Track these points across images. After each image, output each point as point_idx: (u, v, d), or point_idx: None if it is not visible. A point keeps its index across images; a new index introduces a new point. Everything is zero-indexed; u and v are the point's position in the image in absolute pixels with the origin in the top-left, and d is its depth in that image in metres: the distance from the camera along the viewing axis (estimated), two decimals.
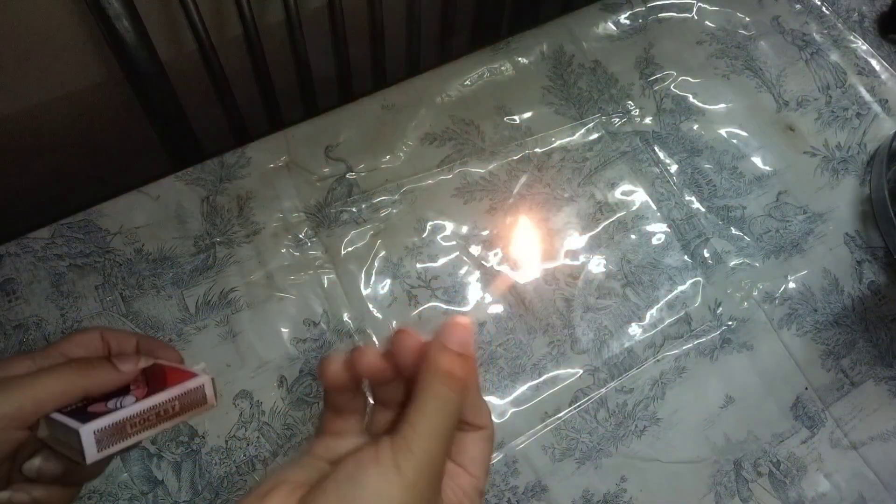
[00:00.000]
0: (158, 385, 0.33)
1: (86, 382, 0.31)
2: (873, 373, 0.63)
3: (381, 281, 0.61)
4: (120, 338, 0.36)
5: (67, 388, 0.30)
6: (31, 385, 0.29)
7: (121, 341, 0.36)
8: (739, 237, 0.66)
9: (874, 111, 0.74)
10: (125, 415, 0.31)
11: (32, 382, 0.30)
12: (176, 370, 0.35)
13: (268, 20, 0.78)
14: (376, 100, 0.69)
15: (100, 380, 0.32)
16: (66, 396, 0.30)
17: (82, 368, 0.31)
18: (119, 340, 0.36)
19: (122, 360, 0.33)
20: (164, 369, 0.35)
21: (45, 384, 0.30)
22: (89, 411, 0.31)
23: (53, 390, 0.30)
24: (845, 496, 0.59)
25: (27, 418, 0.29)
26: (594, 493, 0.56)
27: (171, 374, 0.34)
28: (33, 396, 0.29)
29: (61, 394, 0.30)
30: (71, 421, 0.29)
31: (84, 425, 0.29)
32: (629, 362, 0.60)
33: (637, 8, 0.76)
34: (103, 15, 0.61)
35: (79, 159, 0.84)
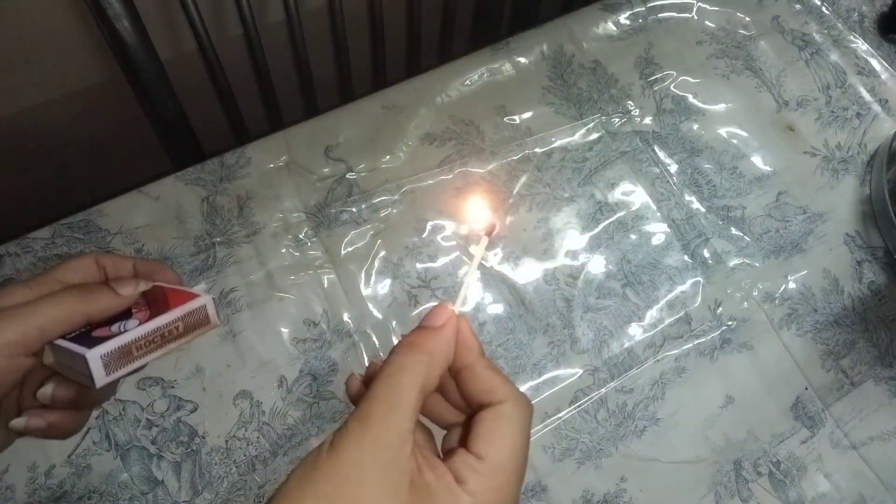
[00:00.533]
0: (161, 307, 0.33)
1: (87, 308, 0.31)
2: (873, 373, 0.63)
3: (381, 281, 0.61)
4: (116, 261, 0.35)
5: (69, 314, 0.30)
6: (34, 312, 0.30)
7: (117, 265, 0.35)
8: (739, 237, 0.66)
9: (874, 111, 0.74)
10: (130, 338, 0.31)
11: (34, 309, 0.30)
12: (177, 291, 0.35)
13: (268, 20, 0.78)
14: (376, 100, 0.69)
15: (100, 305, 0.32)
16: (69, 322, 0.31)
17: (82, 294, 0.31)
18: (115, 264, 0.35)
19: (122, 284, 0.33)
20: (164, 291, 0.35)
21: (46, 311, 0.30)
22: (94, 336, 0.31)
23: (55, 316, 0.30)
24: (845, 496, 0.59)
25: (31, 345, 0.29)
26: (594, 493, 0.56)
27: (173, 295, 0.35)
28: (36, 323, 0.29)
29: (64, 320, 0.30)
30: (77, 347, 0.30)
31: (90, 350, 0.29)
32: (629, 362, 0.60)
33: (637, 8, 0.76)
34: (103, 15, 0.61)
35: (79, 159, 0.84)
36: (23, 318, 0.29)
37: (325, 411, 0.56)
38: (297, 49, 0.76)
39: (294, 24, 0.73)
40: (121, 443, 0.53)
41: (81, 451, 0.53)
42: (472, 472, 0.26)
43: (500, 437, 0.28)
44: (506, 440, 0.28)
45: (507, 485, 0.26)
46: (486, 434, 0.28)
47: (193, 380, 0.56)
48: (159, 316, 0.33)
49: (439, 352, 0.29)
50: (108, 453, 0.53)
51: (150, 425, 0.54)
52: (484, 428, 0.28)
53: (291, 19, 0.73)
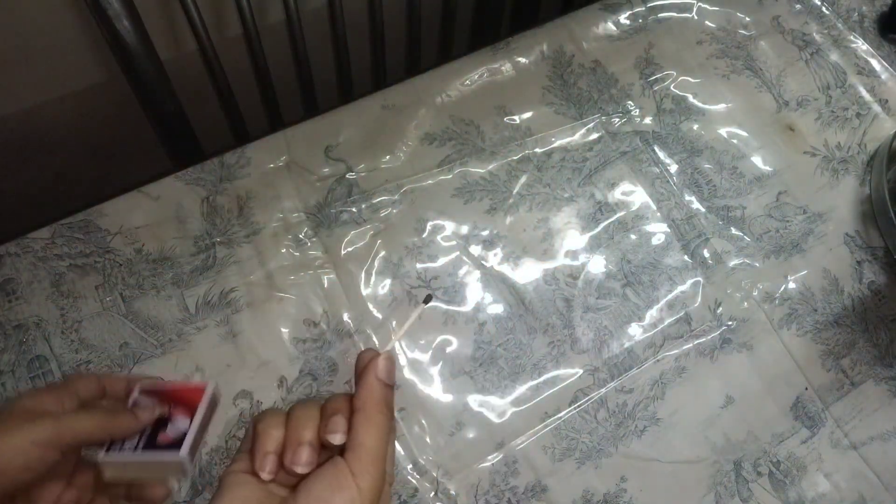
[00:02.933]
0: (188, 403, 0.40)
1: (111, 426, 0.37)
2: (873, 373, 0.63)
3: (381, 281, 0.61)
4: (112, 381, 0.41)
5: (96, 428, 0.36)
6: (70, 419, 0.36)
7: (113, 384, 0.41)
8: (739, 237, 0.66)
9: (874, 111, 0.74)
10: (194, 432, 0.38)
11: (71, 417, 0.36)
12: (182, 386, 0.41)
13: (268, 20, 0.78)
14: (376, 100, 0.69)
15: (122, 426, 0.37)
16: (94, 435, 0.36)
17: (109, 414, 0.37)
18: (112, 383, 0.41)
19: (141, 411, 0.39)
20: (170, 390, 0.41)
21: (80, 421, 0.36)
22: (160, 444, 0.38)
23: (86, 428, 0.36)
24: (845, 496, 0.59)
25: (64, 446, 0.35)
26: (594, 493, 0.56)
27: (186, 392, 0.40)
28: (71, 428, 0.35)
29: (90, 431, 0.36)
30: (161, 454, 0.37)
31: (181, 452, 0.37)
32: (629, 362, 0.60)
33: (637, 8, 0.76)
34: (103, 15, 0.61)
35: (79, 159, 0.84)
36: (62, 422, 0.35)
37: None
38: (297, 49, 0.76)
39: (294, 24, 0.73)
40: None
41: None
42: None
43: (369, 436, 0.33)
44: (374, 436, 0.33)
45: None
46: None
47: (193, 380, 0.56)
48: (196, 410, 0.39)
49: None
50: None
51: None
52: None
53: (291, 19, 0.73)
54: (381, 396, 0.34)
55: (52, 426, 0.34)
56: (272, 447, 0.33)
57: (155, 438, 0.38)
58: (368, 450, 0.32)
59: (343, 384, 0.57)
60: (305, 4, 0.77)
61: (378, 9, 0.77)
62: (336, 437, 0.32)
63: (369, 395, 0.34)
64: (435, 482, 0.55)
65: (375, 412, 0.33)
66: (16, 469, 0.33)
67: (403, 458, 0.55)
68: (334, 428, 0.33)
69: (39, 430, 0.34)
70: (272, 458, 0.32)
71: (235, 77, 0.75)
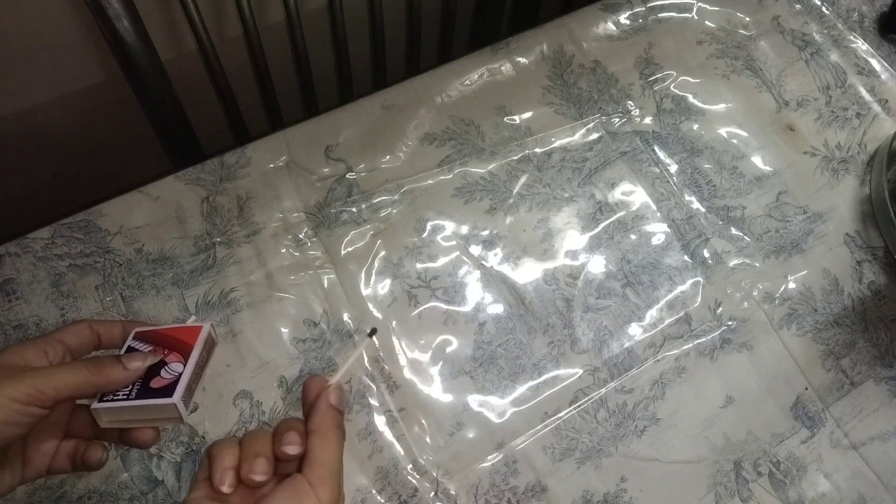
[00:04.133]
0: (182, 346, 0.39)
1: (97, 379, 0.36)
2: (873, 373, 0.63)
3: (381, 281, 0.61)
4: (107, 326, 0.41)
5: (81, 382, 0.35)
6: (51, 374, 0.35)
7: (108, 329, 0.41)
8: (739, 237, 0.66)
9: (874, 111, 0.74)
10: (188, 376, 0.38)
11: (52, 372, 0.35)
12: (179, 329, 0.41)
13: (268, 20, 0.78)
14: (376, 100, 0.69)
15: (110, 377, 0.37)
16: (80, 389, 0.35)
17: (95, 367, 0.36)
18: (107, 329, 0.41)
19: (130, 359, 0.38)
20: (167, 333, 0.40)
21: (62, 377, 0.35)
22: (153, 387, 0.37)
23: (69, 383, 0.35)
24: (845, 496, 0.59)
25: (45, 401, 0.34)
26: (594, 493, 0.56)
27: (181, 333, 0.40)
28: (52, 384, 0.34)
29: (75, 385, 0.35)
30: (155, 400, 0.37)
31: (173, 397, 0.37)
32: (629, 362, 0.60)
33: (637, 8, 0.76)
34: (103, 15, 0.61)
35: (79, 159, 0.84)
36: (43, 377, 0.34)
37: None
38: (297, 49, 0.76)
39: (294, 24, 0.73)
40: None
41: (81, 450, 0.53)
42: None
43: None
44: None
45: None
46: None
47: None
48: (191, 352, 0.39)
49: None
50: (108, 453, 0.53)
51: None
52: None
53: (291, 19, 0.73)
54: (334, 420, 0.36)
55: (31, 383, 0.33)
56: (229, 463, 0.34)
57: (149, 382, 0.38)
58: (326, 464, 0.34)
59: (343, 384, 0.57)
60: (305, 4, 0.77)
61: (378, 9, 0.77)
62: (291, 448, 0.34)
63: (323, 418, 0.36)
64: (435, 482, 0.55)
65: (330, 432, 0.35)
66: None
67: (403, 458, 0.55)
68: (289, 440, 0.34)
69: (18, 387, 0.33)
70: (230, 472, 0.34)
71: (235, 77, 0.75)
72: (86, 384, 0.36)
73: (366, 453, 0.55)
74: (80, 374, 0.35)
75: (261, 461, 0.34)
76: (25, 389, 0.33)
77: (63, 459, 0.39)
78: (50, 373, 0.35)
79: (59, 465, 0.39)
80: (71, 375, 0.35)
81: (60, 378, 0.35)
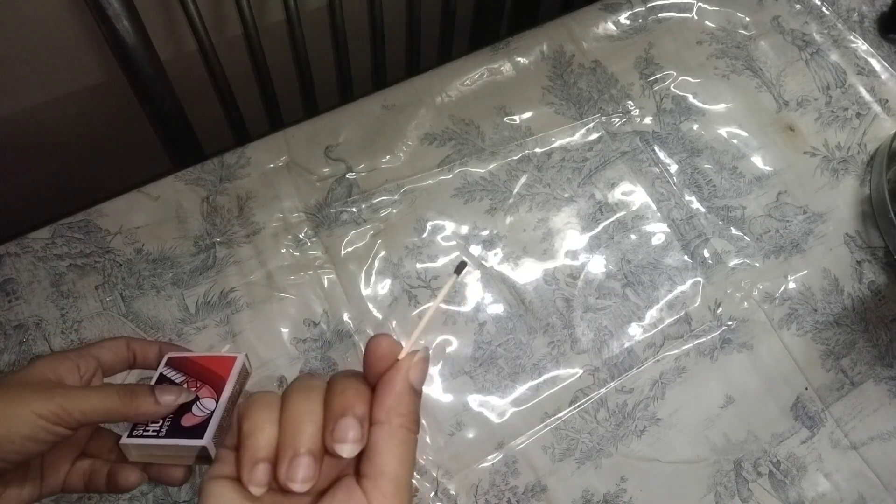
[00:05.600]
0: (215, 379, 0.38)
1: (127, 410, 0.35)
2: (873, 373, 0.63)
3: (381, 281, 0.61)
4: (144, 346, 0.39)
5: (111, 410, 0.34)
6: (82, 397, 0.33)
7: (145, 349, 0.39)
8: (739, 237, 0.66)
9: (874, 111, 0.74)
10: (220, 415, 0.36)
11: (83, 395, 0.34)
12: (213, 358, 0.39)
13: (268, 20, 0.78)
14: (376, 100, 0.69)
15: (140, 409, 0.35)
16: (108, 416, 0.34)
17: (127, 396, 0.35)
18: (143, 348, 0.39)
19: (163, 393, 0.36)
20: (200, 362, 0.39)
21: (92, 402, 0.33)
22: (184, 426, 0.36)
23: (98, 408, 0.34)
24: (845, 496, 0.59)
25: (72, 423, 0.33)
26: (594, 493, 0.56)
27: (214, 363, 0.38)
28: (81, 408, 0.33)
29: (104, 413, 0.34)
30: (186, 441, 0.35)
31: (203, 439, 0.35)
32: (629, 362, 0.60)
33: (637, 8, 0.76)
34: (103, 15, 0.61)
35: (79, 159, 0.84)
36: (73, 398, 0.33)
37: None
38: (297, 49, 0.76)
39: (294, 24, 0.73)
40: None
41: None
42: None
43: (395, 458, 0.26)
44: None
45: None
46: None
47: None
48: (224, 387, 0.38)
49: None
50: None
51: None
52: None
53: (291, 19, 0.73)
54: (410, 409, 0.26)
55: (61, 402, 0.32)
56: (263, 453, 0.26)
57: (180, 419, 0.36)
58: (393, 479, 0.25)
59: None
60: (305, 4, 0.77)
61: (378, 9, 0.77)
62: (346, 449, 0.25)
63: (396, 406, 0.26)
64: (435, 482, 0.55)
65: (403, 429, 0.26)
66: (21, 439, 0.32)
67: None
68: (343, 435, 0.25)
69: (47, 405, 0.32)
70: (263, 467, 0.25)
71: (235, 77, 0.75)
72: (115, 412, 0.34)
73: None
74: (111, 400, 0.34)
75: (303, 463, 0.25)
76: (53, 408, 0.32)
77: (77, 478, 0.38)
78: (81, 395, 0.33)
79: (72, 484, 0.38)
80: (102, 401, 0.34)
81: (90, 402, 0.33)
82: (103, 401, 0.34)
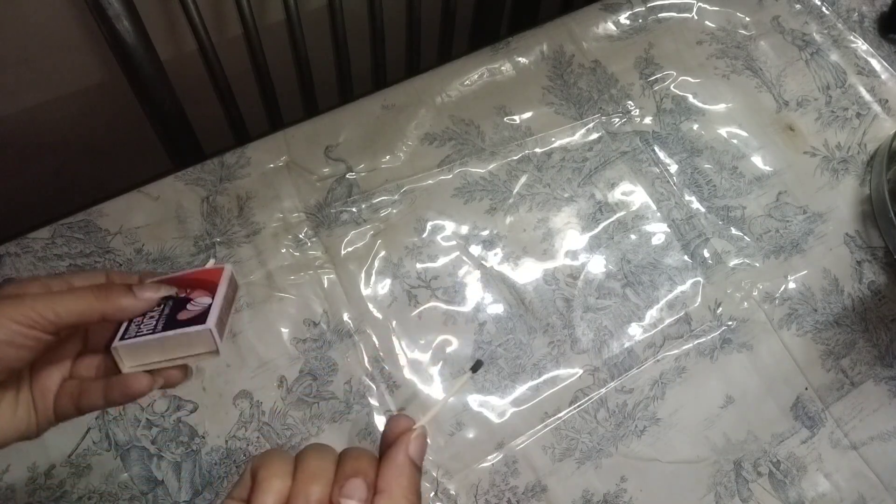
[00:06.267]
0: (206, 284, 0.36)
1: (104, 305, 0.33)
2: (873, 373, 0.63)
3: (381, 281, 0.61)
4: (124, 277, 0.38)
5: (85, 308, 0.32)
6: (52, 299, 0.32)
7: (124, 280, 0.38)
8: (739, 237, 0.66)
9: (874, 111, 0.74)
10: (219, 306, 0.34)
11: (53, 297, 0.32)
12: (201, 271, 0.38)
13: (268, 20, 0.78)
14: (376, 100, 0.69)
15: (118, 304, 0.34)
16: (84, 315, 0.32)
17: (101, 292, 0.33)
18: (123, 279, 0.38)
19: (141, 289, 0.34)
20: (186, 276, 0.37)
21: (64, 302, 0.32)
22: (180, 319, 0.33)
23: (72, 308, 0.32)
24: (845, 496, 0.59)
25: (48, 326, 0.31)
26: (594, 493, 0.56)
27: (203, 274, 0.37)
28: (54, 308, 0.31)
29: (79, 312, 0.32)
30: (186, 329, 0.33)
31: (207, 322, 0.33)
32: (629, 362, 0.60)
33: (637, 8, 0.76)
34: (103, 15, 0.61)
35: (79, 159, 0.84)
36: (43, 300, 0.31)
37: (324, 411, 0.56)
38: (297, 49, 0.76)
39: (294, 24, 0.73)
40: (121, 443, 0.53)
41: (81, 451, 0.53)
42: None
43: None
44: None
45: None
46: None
47: (193, 380, 0.56)
48: (217, 287, 0.36)
49: None
50: (108, 453, 0.53)
51: (150, 425, 0.54)
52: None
53: (291, 19, 0.73)
54: (410, 481, 0.29)
55: (32, 304, 0.31)
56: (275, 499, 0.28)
57: (175, 316, 0.34)
58: None
59: (343, 384, 0.57)
60: (305, 4, 0.77)
61: (378, 9, 0.77)
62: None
63: (397, 478, 0.29)
64: (435, 482, 0.55)
65: (405, 500, 0.29)
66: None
67: None
68: (351, 492, 0.28)
69: (18, 308, 0.31)
70: None
71: (235, 77, 0.75)
72: (90, 310, 0.33)
73: None
74: (85, 299, 0.33)
75: None
76: (25, 311, 0.31)
77: (67, 400, 0.36)
78: (51, 297, 0.32)
79: (63, 407, 0.36)
80: (74, 300, 0.32)
81: (62, 303, 0.32)
82: (77, 299, 0.32)
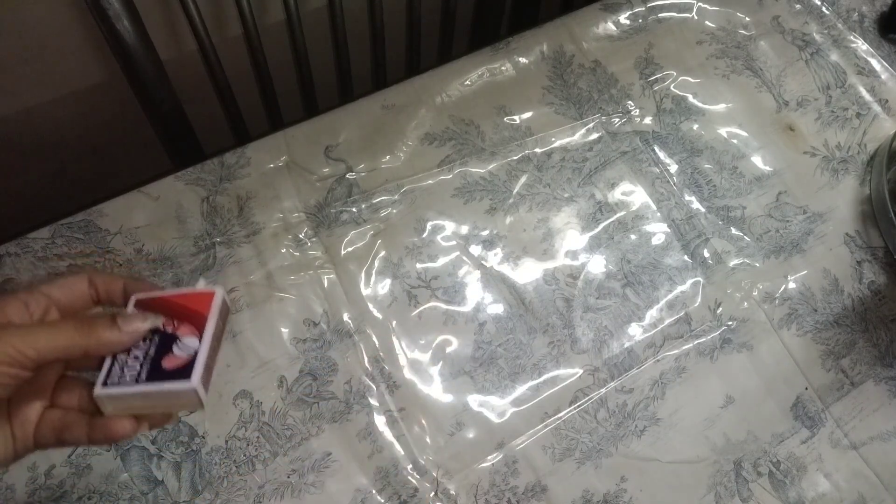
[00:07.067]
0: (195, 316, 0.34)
1: (87, 342, 0.32)
2: (873, 373, 0.63)
3: (381, 281, 0.61)
4: (107, 281, 0.36)
5: (67, 345, 0.31)
6: (32, 334, 0.30)
7: (108, 285, 0.36)
8: (739, 237, 0.66)
9: (874, 111, 0.74)
10: (205, 353, 0.32)
11: (33, 332, 0.31)
12: (188, 295, 0.35)
13: (268, 20, 0.78)
14: (376, 100, 0.69)
15: (101, 340, 0.32)
16: (65, 352, 0.31)
17: (85, 327, 0.32)
18: (107, 284, 0.36)
19: (127, 321, 0.33)
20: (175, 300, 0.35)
21: (45, 337, 0.31)
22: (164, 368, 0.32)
23: (53, 344, 0.31)
24: (845, 496, 0.59)
25: (27, 363, 0.30)
26: (594, 493, 0.56)
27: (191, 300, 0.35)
28: (33, 345, 0.30)
29: (60, 349, 0.31)
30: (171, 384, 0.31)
31: (191, 380, 0.31)
32: (629, 362, 0.60)
33: (637, 8, 0.76)
34: (103, 15, 0.61)
35: (79, 159, 0.84)
36: (22, 335, 0.30)
37: (324, 411, 0.56)
38: (297, 49, 0.76)
39: (294, 24, 0.73)
40: (121, 443, 0.53)
41: (81, 450, 0.53)
42: None
43: None
44: None
45: None
46: None
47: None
48: (206, 323, 0.33)
49: None
50: (108, 453, 0.53)
51: None
52: None
53: (291, 19, 0.73)
54: None
55: (10, 341, 0.29)
56: None
57: (160, 362, 0.32)
58: None
59: (343, 384, 0.57)
60: (305, 4, 0.77)
61: (378, 9, 0.77)
62: None
63: None
64: (435, 482, 0.55)
65: None
66: None
67: (403, 458, 0.55)
68: None
69: None
70: None
71: (235, 77, 0.75)
72: (72, 346, 0.31)
73: (366, 453, 0.55)
74: (66, 333, 0.31)
75: None
76: (4, 348, 0.29)
77: (48, 431, 0.34)
78: (30, 331, 0.31)
79: (43, 437, 0.34)
80: (55, 335, 0.31)
81: (42, 338, 0.30)
82: (57, 335, 0.31)
